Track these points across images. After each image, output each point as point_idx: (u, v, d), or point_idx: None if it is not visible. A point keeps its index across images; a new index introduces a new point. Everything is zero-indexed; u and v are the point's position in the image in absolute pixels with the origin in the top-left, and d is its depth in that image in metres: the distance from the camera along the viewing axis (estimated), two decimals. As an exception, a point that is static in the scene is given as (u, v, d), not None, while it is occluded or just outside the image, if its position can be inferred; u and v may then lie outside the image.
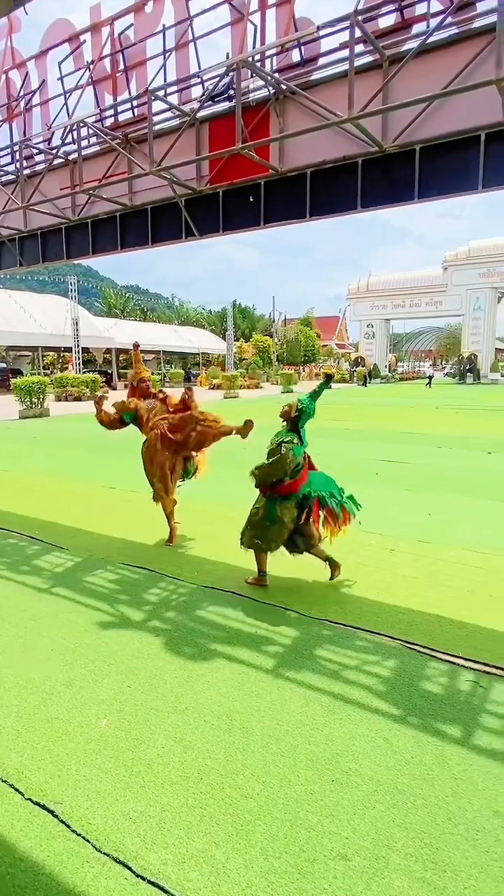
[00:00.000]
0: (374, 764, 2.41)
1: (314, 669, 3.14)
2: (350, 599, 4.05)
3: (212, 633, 3.56)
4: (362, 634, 3.53)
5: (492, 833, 2.06)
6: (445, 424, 15.99)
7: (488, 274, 43.15)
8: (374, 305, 49.30)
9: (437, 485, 7.77)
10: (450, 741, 2.55)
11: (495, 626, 3.60)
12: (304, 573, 4.50)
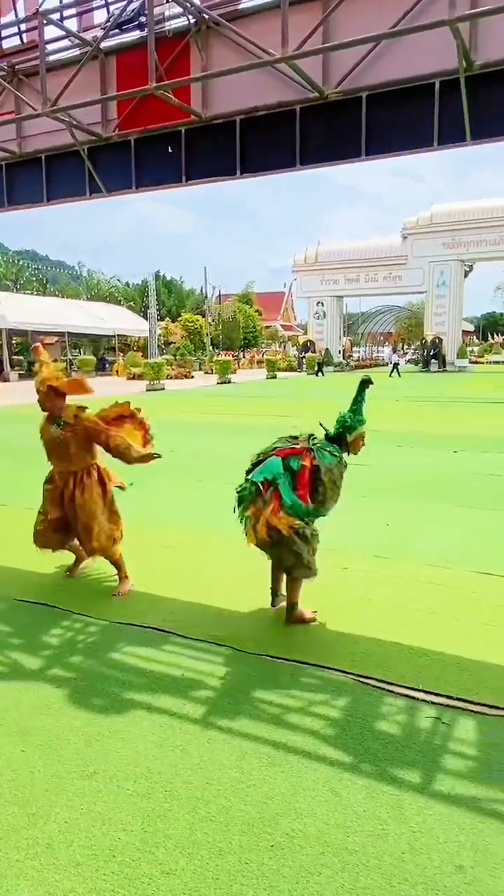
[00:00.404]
0: (321, 822, 2.47)
1: (252, 715, 3.17)
2: (294, 629, 4.12)
3: (128, 679, 3.53)
4: (308, 670, 3.60)
5: (452, 890, 2.16)
6: (407, 419, 16.56)
7: (453, 244, 45.00)
8: (323, 280, 50.26)
9: (397, 490, 8.04)
10: (407, 789, 2.65)
11: (460, 652, 3.77)
12: (240, 602, 4.54)
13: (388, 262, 47.81)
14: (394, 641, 3.92)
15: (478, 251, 45.02)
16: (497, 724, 3.09)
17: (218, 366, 35.19)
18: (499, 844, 2.36)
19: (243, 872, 2.24)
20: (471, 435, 13.10)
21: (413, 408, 19.67)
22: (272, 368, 40.08)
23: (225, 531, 6.39)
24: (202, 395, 27.10)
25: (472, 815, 2.50)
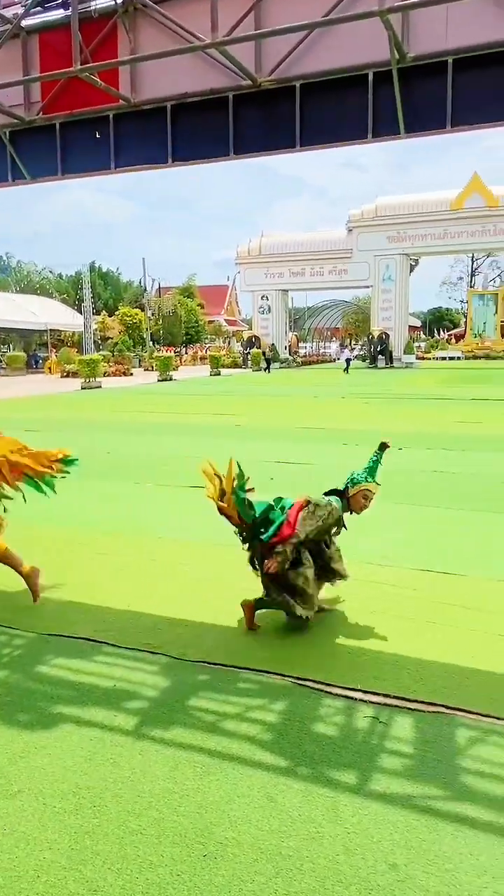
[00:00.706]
0: (255, 829, 2.52)
1: (186, 724, 3.20)
2: (234, 634, 4.16)
3: (56, 692, 3.49)
4: (246, 675, 3.65)
5: (386, 889, 2.24)
6: (353, 417, 16.88)
7: (398, 237, 46.05)
8: (268, 273, 50.58)
9: (341, 489, 8.17)
10: (343, 790, 2.72)
11: (399, 650, 3.89)
12: (178, 608, 4.55)
13: (334, 256, 48.50)
14: (333, 642, 4.01)
15: (423, 245, 46.20)
16: (433, 721, 3.20)
17: (158, 362, 34.96)
18: (432, 841, 2.45)
19: (174, 885, 2.26)
20: (417, 432, 13.45)
21: (359, 405, 20.04)
22: (216, 365, 40.10)
23: (162, 535, 6.38)
24: (142, 393, 26.88)
25: (407, 812, 2.60)
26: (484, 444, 11.74)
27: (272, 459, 10.35)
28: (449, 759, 2.91)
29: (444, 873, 2.30)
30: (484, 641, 3.98)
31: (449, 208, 44.35)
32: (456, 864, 2.34)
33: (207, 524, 6.75)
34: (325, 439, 12.73)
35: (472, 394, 22.32)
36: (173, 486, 8.51)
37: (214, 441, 12.74)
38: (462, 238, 45.17)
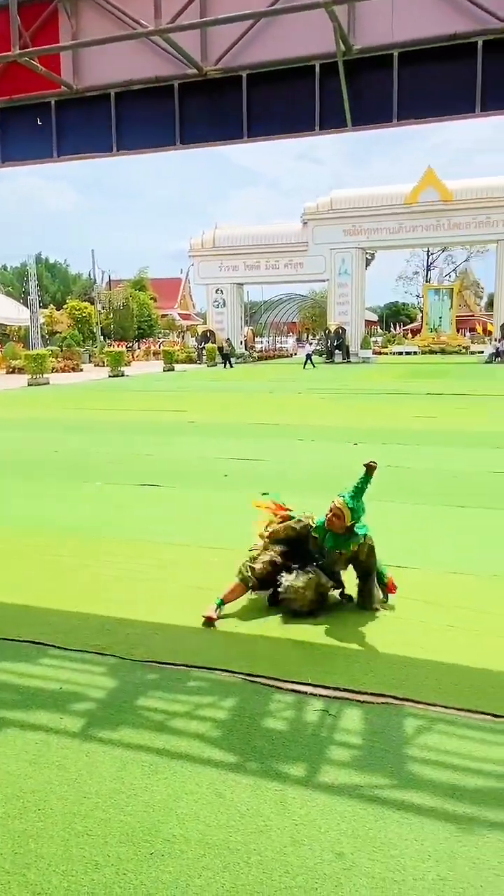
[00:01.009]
0: (203, 825, 2.57)
1: (134, 724, 3.22)
2: (185, 633, 4.20)
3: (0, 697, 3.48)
4: (196, 673, 3.70)
5: (332, 878, 2.32)
6: (309, 413, 17.05)
7: (353, 231, 46.61)
8: (222, 266, 50.59)
9: (296, 485, 8.28)
10: (292, 783, 2.80)
11: (350, 643, 3.99)
12: (127, 609, 4.56)
13: (289, 249, 48.80)
14: (285, 638, 4.09)
15: (378, 239, 46.87)
16: (382, 712, 3.31)
17: (109, 357, 34.61)
18: (378, 829, 2.55)
19: (119, 884, 2.29)
20: (373, 428, 13.68)
21: (315, 400, 20.25)
22: (170, 360, 39.90)
23: (112, 535, 6.37)
24: (91, 389, 26.59)
25: (354, 802, 2.68)
26: (439, 439, 12.02)
27: (226, 456, 10.41)
28: (396, 749, 3.02)
29: (389, 859, 2.39)
30: (432, 632, 4.12)
31: (404, 202, 45.10)
32: (401, 850, 2.44)
33: (158, 522, 6.77)
34: (280, 435, 12.85)
35: (427, 388, 22.78)
36: (124, 484, 8.48)
37: (167, 438, 12.73)
38: (417, 232, 46.00)
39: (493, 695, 3.42)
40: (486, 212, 43.46)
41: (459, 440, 11.81)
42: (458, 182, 44.82)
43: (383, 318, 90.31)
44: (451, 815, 2.60)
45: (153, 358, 51.58)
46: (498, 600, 4.60)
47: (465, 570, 5.11)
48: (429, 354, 50.27)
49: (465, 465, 9.46)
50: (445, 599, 4.62)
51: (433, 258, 77.00)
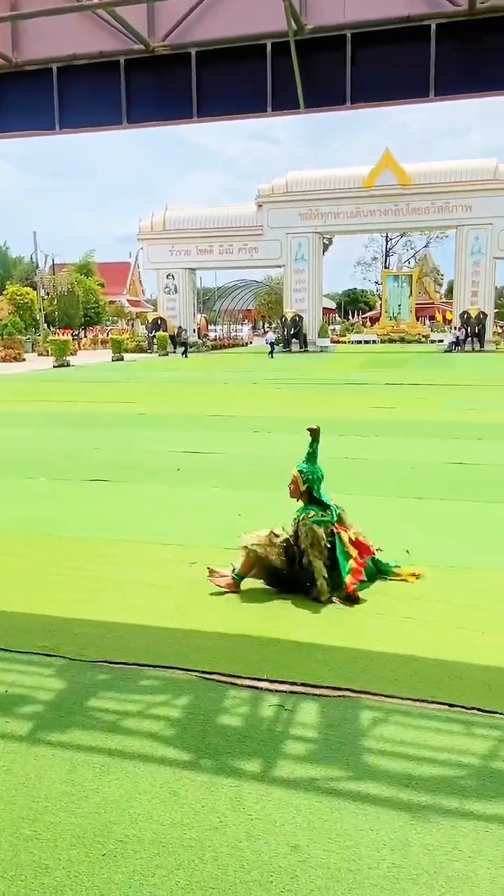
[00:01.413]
0: (157, 824, 2.62)
1: (85, 726, 3.26)
2: (137, 631, 4.23)
3: None
4: (150, 672, 3.74)
5: (287, 871, 2.40)
6: (265, 404, 17.17)
7: (310, 214, 46.82)
8: (173, 250, 50.22)
9: (250, 478, 8.37)
10: (247, 779, 2.87)
11: (306, 637, 4.09)
12: (77, 608, 4.57)
13: (244, 233, 48.71)
14: (240, 633, 4.16)
15: (335, 223, 47.18)
16: (338, 705, 3.41)
17: (54, 346, 34.10)
18: (333, 820, 2.64)
19: (70, 886, 2.33)
20: (330, 418, 13.85)
21: (271, 391, 20.38)
22: (119, 349, 39.54)
23: (59, 533, 6.34)
24: (35, 380, 26.19)
25: (309, 795, 2.78)
26: (397, 430, 12.27)
27: (179, 449, 10.42)
28: (352, 741, 3.12)
29: (344, 850, 2.49)
30: (389, 624, 4.25)
31: (362, 185, 45.46)
32: (356, 841, 2.54)
33: (108, 519, 6.77)
34: (235, 427, 12.92)
35: (386, 378, 23.15)
36: (71, 480, 8.43)
37: (116, 431, 12.67)
38: (375, 217, 46.46)
39: (448, 685, 3.56)
40: (445, 197, 44.17)
41: (417, 430, 12.07)
42: (416, 165, 45.42)
43: (341, 306, 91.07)
44: (405, 803, 2.72)
45: (101, 347, 51.00)
46: (454, 591, 4.76)
47: (422, 561, 5.26)
48: (388, 343, 50.97)
49: (423, 456, 9.69)
50: (402, 591, 4.76)
51: (392, 244, 78.01)
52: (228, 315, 65.00)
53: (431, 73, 4.67)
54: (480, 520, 6.55)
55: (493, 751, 3.05)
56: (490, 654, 3.84)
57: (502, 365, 30.89)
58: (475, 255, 44.39)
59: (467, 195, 43.50)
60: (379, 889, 2.32)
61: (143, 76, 5.23)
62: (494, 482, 8.11)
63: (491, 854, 2.46)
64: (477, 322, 43.14)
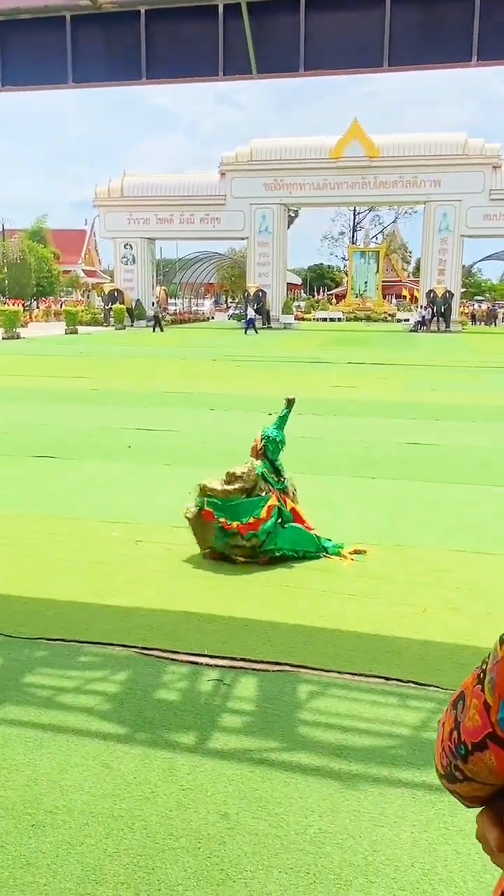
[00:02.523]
0: (88, 795, 2.71)
1: (19, 701, 3.32)
2: (75, 608, 4.29)
3: None
4: (88, 648, 3.82)
5: (216, 837, 2.52)
6: (223, 381, 17.18)
7: (275, 185, 46.52)
8: (131, 218, 49.45)
9: (203, 456, 8.43)
10: (181, 751, 2.98)
11: (248, 614, 4.21)
12: (16, 585, 4.61)
13: (206, 202, 48.19)
14: (181, 610, 4.26)
15: (301, 195, 46.99)
16: (276, 679, 3.54)
17: (3, 317, 33.46)
18: (264, 789, 2.77)
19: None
20: (288, 396, 13.95)
21: (231, 368, 20.39)
22: (73, 321, 39.00)
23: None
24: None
25: (242, 766, 2.90)
26: (356, 409, 12.44)
27: (132, 426, 10.42)
28: (288, 714, 3.25)
29: (273, 817, 2.62)
30: (332, 602, 4.39)
31: (328, 156, 45.30)
32: (285, 808, 2.67)
33: (54, 496, 6.78)
34: (191, 404, 12.93)
35: (349, 357, 23.34)
36: (16, 456, 8.39)
37: (66, 406, 12.58)
38: (342, 189, 46.37)
39: (386, 659, 3.71)
40: (413, 171, 44.27)
41: (376, 410, 12.26)
42: (384, 137, 45.35)
43: (307, 282, 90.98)
44: (335, 772, 2.86)
45: (54, 319, 50.17)
46: (398, 569, 4.93)
47: (369, 540, 5.42)
48: (353, 321, 51.21)
49: (380, 436, 9.88)
50: (346, 569, 4.91)
51: (360, 218, 78.04)
52: (189, 288, 64.48)
53: (386, 42, 4.73)
54: (428, 500, 6.74)
55: (426, 721, 3.21)
56: (428, 630, 4.01)
57: (466, 346, 31.38)
58: (443, 232, 44.71)
59: (436, 170, 43.66)
60: (304, 853, 2.45)
61: (90, 34, 5.17)
62: (446, 463, 8.32)
63: (415, 819, 2.61)
64: (443, 301, 43.54)
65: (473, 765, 0.80)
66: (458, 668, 3.62)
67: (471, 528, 5.89)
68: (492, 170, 43.03)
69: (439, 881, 2.33)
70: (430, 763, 2.90)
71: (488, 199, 43.08)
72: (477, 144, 43.30)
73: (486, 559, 5.15)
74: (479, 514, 6.29)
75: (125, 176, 49.86)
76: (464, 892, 2.29)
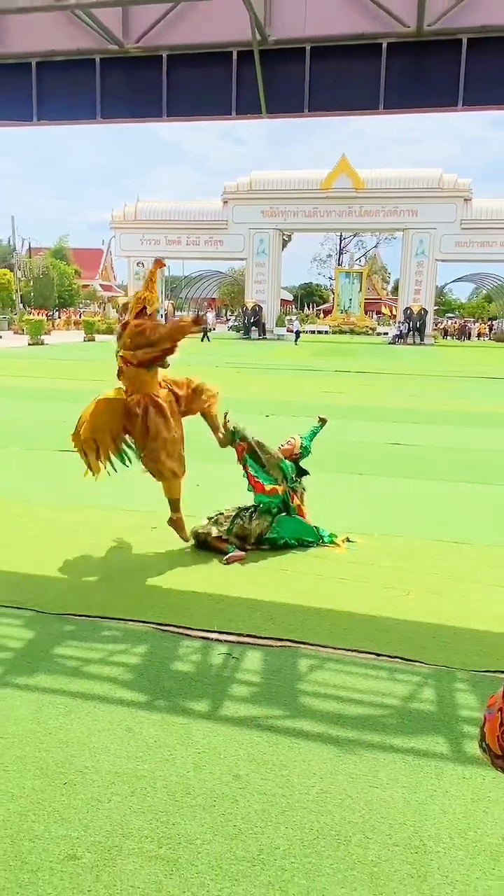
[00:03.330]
0: (114, 756, 2.68)
1: (50, 670, 3.29)
2: (99, 587, 4.26)
3: None
4: (110, 623, 3.78)
5: (229, 796, 2.50)
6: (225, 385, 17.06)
7: (271, 212, 46.43)
8: (144, 239, 49.30)
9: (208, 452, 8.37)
10: (196, 717, 2.95)
11: (253, 595, 4.18)
12: (43, 566, 4.57)
13: (210, 226, 48.07)
14: (192, 591, 4.23)
15: (294, 221, 46.89)
16: (281, 653, 3.51)
17: (29, 325, 33.30)
18: (271, 753, 2.74)
19: (34, 811, 2.38)
20: (284, 401, 13.94)
21: (231, 374, 20.32)
22: (90, 330, 38.83)
23: (25, 498, 6.29)
24: (11, 356, 25.54)
25: (252, 731, 2.87)
26: (343, 413, 12.37)
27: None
28: (291, 685, 3.23)
29: (279, 778, 2.60)
30: (327, 585, 4.36)
31: (319, 187, 45.23)
32: (290, 770, 2.64)
33: (73, 487, 6.72)
34: (196, 406, 12.86)
35: (336, 366, 23.30)
36: (43, 450, 8.33)
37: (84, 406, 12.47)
38: (331, 217, 46.30)
39: (376, 637, 3.69)
40: (394, 202, 44.23)
41: (362, 414, 12.24)
42: (369, 171, 45.30)
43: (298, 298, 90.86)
44: (334, 738, 2.84)
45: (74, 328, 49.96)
46: (385, 556, 4.90)
47: (359, 530, 5.39)
48: (339, 334, 51.16)
49: (365, 437, 9.86)
50: (338, 556, 4.89)
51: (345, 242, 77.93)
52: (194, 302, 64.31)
53: (381, 87, 4.69)
54: (411, 494, 6.73)
55: (413, 694, 3.19)
56: (413, 611, 3.99)
57: (439, 358, 31.37)
58: (419, 256, 44.70)
59: (414, 201, 43.65)
60: (308, 812, 2.43)
61: (117, 75, 5.12)
62: (425, 461, 8.31)
63: (406, 781, 2.59)
64: (418, 318, 43.62)
65: None
66: (440, 645, 3.61)
67: (448, 520, 5.88)
68: (463, 202, 43.06)
69: (428, 837, 2.32)
70: (417, 731, 2.90)
71: (460, 228, 43.14)
72: (451, 179, 43.31)
73: (464, 548, 5.14)
74: (455, 508, 6.28)
75: (139, 202, 49.74)
76: (450, 847, 2.28)
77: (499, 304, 59.97)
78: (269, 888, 2.09)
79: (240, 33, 4.69)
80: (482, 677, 3.32)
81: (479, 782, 2.58)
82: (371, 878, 2.14)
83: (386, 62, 4.64)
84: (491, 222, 42.58)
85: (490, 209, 43.00)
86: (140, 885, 2.09)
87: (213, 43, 4.72)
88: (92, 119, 5.14)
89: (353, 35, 4.59)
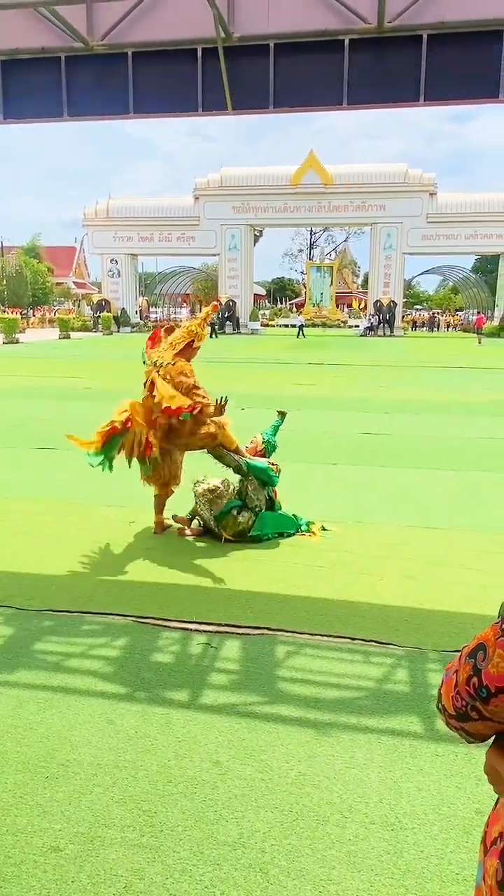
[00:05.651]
0: (95, 749, 2.66)
1: (30, 666, 3.25)
2: (80, 582, 4.22)
3: None
4: (90, 618, 3.75)
5: (209, 782, 2.49)
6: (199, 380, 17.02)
7: (243, 208, 46.21)
8: (116, 236, 48.76)
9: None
10: (176, 707, 2.94)
11: (230, 584, 4.17)
12: (23, 562, 4.51)
13: (181, 223, 47.70)
14: (171, 583, 4.21)
15: (265, 217, 46.74)
16: (258, 641, 3.51)
17: (3, 324, 32.77)
18: (250, 738, 2.75)
19: (17, 805, 2.36)
20: (257, 394, 13.91)
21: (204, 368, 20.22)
22: (65, 328, 38.36)
23: (3, 494, 6.20)
24: (-13, 356, 25.15)
25: (231, 718, 2.87)
26: (315, 404, 12.42)
27: (121, 420, 10.27)
28: (269, 671, 3.23)
29: (258, 763, 2.60)
30: (302, 572, 4.37)
31: (289, 183, 45.11)
32: (269, 755, 2.65)
33: (55, 483, 6.66)
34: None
35: (308, 358, 23.34)
36: (20, 447, 8.22)
37: (63, 403, 12.37)
38: (301, 212, 46.23)
39: (351, 622, 3.71)
40: (362, 197, 44.29)
41: (333, 405, 12.27)
42: (337, 167, 45.28)
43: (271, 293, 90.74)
44: (312, 722, 2.85)
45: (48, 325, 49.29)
46: (358, 543, 4.93)
47: (333, 518, 5.42)
48: (311, 328, 51.20)
49: (338, 427, 9.89)
50: (314, 544, 4.90)
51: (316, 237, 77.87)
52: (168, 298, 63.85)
53: (345, 84, 4.68)
54: (383, 482, 6.77)
55: (387, 675, 3.22)
56: (386, 596, 4.02)
57: (408, 348, 31.60)
58: (387, 250, 44.88)
59: (381, 196, 43.77)
60: (287, 794, 2.44)
61: (83, 73, 5.03)
62: (396, 450, 8.37)
63: (381, 761, 2.61)
64: (388, 310, 43.85)
65: (495, 706, 0.84)
66: (413, 628, 3.64)
67: (419, 506, 5.93)
68: (429, 196, 43.31)
69: (404, 815, 2.34)
70: (392, 711, 2.92)
71: (426, 222, 43.42)
72: (416, 174, 43.49)
73: (433, 533, 5.19)
74: (425, 495, 6.33)
75: (110, 199, 49.14)
76: (425, 823, 2.30)
77: (465, 295, 60.54)
78: (249, 870, 2.10)
79: (204, 30, 4.64)
80: (453, 657, 3.35)
81: (452, 759, 2.62)
82: (349, 856, 2.16)
83: (349, 58, 4.63)
84: (455, 216, 42.92)
85: (454, 203, 43.32)
86: (123, 874, 2.08)
87: (177, 40, 4.66)
88: (59, 117, 5.04)
89: (316, 32, 4.57)
